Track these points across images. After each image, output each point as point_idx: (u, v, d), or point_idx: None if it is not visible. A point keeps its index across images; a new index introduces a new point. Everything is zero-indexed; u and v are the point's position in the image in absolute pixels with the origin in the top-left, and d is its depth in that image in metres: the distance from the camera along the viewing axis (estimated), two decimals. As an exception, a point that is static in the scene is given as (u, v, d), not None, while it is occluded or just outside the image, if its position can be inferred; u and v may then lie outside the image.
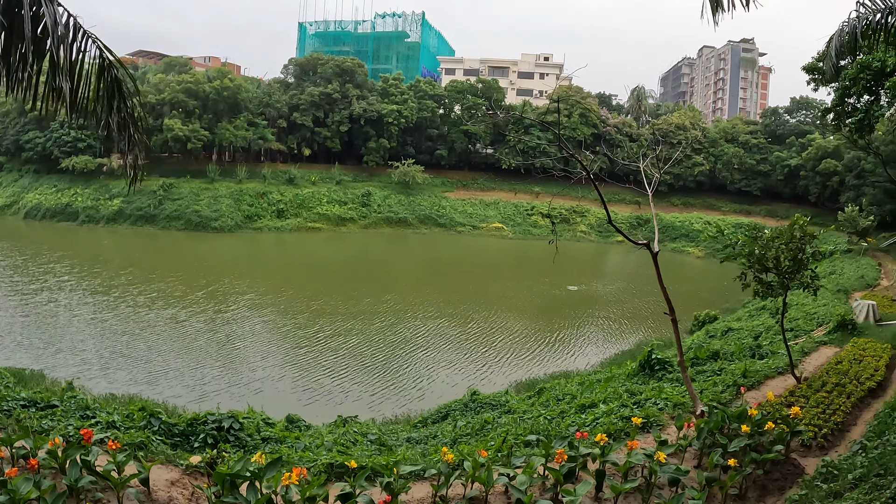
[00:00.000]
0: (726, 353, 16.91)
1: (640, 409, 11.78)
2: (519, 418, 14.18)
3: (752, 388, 13.35)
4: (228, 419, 11.67)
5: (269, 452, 10.34)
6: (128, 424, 11.05)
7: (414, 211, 75.31)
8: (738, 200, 79.95)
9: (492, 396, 18.01)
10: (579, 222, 76.88)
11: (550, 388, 18.53)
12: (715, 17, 8.37)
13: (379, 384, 23.91)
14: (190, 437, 11.03)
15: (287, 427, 15.55)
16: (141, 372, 24.10)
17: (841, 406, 11.73)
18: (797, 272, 12.64)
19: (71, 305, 33.92)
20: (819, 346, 18.27)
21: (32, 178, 77.47)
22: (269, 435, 12.20)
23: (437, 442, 13.19)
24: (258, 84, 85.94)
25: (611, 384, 15.64)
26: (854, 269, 37.96)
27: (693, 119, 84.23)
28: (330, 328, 31.25)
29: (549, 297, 42.82)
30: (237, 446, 11.14)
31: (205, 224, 66.28)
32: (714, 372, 14.90)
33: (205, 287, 38.89)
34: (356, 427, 15.54)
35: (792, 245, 12.36)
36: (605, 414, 11.75)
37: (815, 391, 12.60)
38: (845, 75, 24.87)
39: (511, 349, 29.38)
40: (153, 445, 9.31)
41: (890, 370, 16.08)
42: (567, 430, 10.53)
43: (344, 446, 11.88)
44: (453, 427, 14.59)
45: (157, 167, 76.01)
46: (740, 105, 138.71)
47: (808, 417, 10.80)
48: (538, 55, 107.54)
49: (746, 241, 12.75)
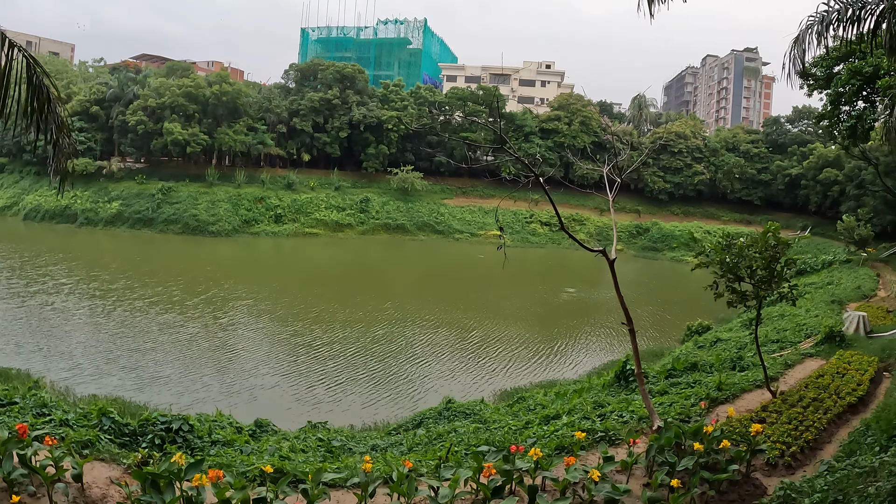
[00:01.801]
0: (705, 365, 16.41)
1: (604, 421, 11.33)
2: (485, 428, 13.74)
3: (725, 402, 12.85)
4: (178, 421, 11.67)
5: (213, 455, 10.32)
6: (82, 423, 11.00)
7: (412, 217, 75.02)
8: (738, 210, 79.41)
9: (467, 405, 17.58)
10: (578, 230, 76.38)
11: (529, 397, 18.10)
12: (651, 10, 8.05)
13: (374, 393, 23.45)
14: (139, 437, 11.07)
15: (254, 431, 15.27)
16: (130, 378, 23.71)
17: (815, 423, 11.22)
18: (772, 282, 12.15)
19: (67, 309, 33.62)
20: (804, 359, 17.76)
21: (33, 179, 77.84)
22: (219, 438, 11.96)
23: (397, 450, 12.78)
24: (259, 89, 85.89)
25: (583, 395, 15.18)
26: (852, 279, 37.35)
27: (694, 128, 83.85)
28: (327, 336, 30.83)
29: (546, 305, 42.41)
30: (184, 448, 11.11)
31: (202, 228, 66.14)
32: (688, 384, 14.41)
33: (202, 293, 38.43)
34: (323, 433, 15.19)
35: (766, 254, 11.89)
36: (566, 426, 11.29)
37: (789, 406, 12.09)
38: (837, 81, 24.46)
39: (507, 357, 28.95)
40: (101, 444, 9.34)
41: (875, 384, 15.59)
42: (524, 442, 10.09)
43: (294, 452, 11.51)
44: (413, 435, 14.20)
45: (157, 171, 76.21)
46: (743, 114, 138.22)
47: (776, 434, 10.28)
48: (540, 63, 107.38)
49: (717, 248, 12.29)
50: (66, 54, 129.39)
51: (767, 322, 26.91)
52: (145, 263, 49.83)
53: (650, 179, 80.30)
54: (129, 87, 77.44)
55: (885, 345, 19.03)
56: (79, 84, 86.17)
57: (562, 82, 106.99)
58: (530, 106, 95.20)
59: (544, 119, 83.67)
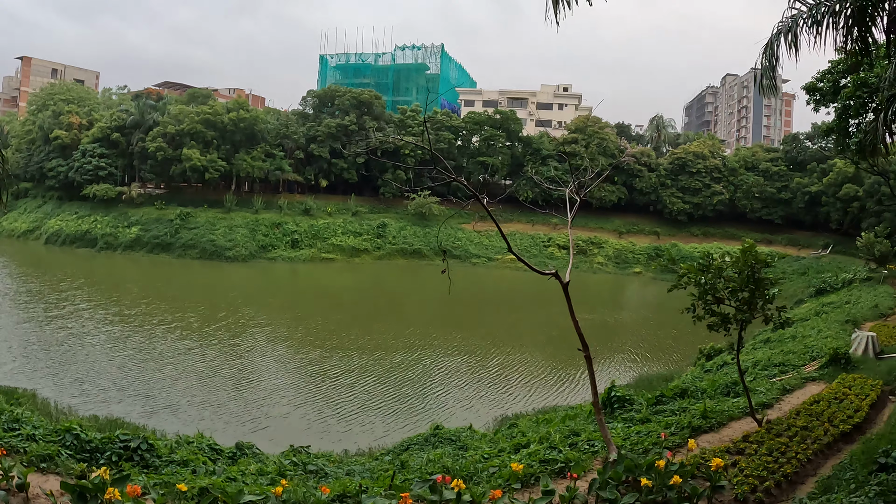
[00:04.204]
0: (696, 391, 15.74)
1: (573, 450, 10.81)
2: (461, 455, 13.27)
3: (709, 431, 12.20)
4: (137, 439, 11.89)
5: (163, 474, 10.52)
6: (48, 438, 11.25)
7: (429, 242, 74.77)
8: (758, 229, 77.88)
9: (454, 431, 17.13)
10: (596, 253, 75.55)
11: (521, 424, 17.59)
12: (556, 17, 7.81)
13: (391, 424, 23.09)
14: (99, 453, 11.30)
15: (234, 454, 15.09)
16: (139, 402, 23.93)
17: (798, 454, 10.56)
18: (753, 304, 11.58)
19: (84, 333, 33.96)
20: (806, 384, 17.00)
21: (55, 204, 79.74)
22: (176, 458, 11.98)
23: (366, 476, 12.39)
24: (278, 115, 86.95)
25: (565, 423, 14.62)
26: (871, 297, 36.16)
27: (712, 147, 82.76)
28: (344, 364, 30.62)
29: (564, 329, 41.79)
30: (140, 465, 11.30)
31: (219, 253, 66.61)
32: (673, 412, 13.79)
33: (222, 319, 38.51)
34: (302, 457, 14.92)
35: (744, 274, 11.36)
36: (528, 455, 10.78)
37: (774, 436, 11.40)
38: (843, 94, 23.85)
39: (526, 382, 28.84)
40: (60, 458, 9.82)
41: (877, 409, 14.81)
42: (486, 472, 9.63)
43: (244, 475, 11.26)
44: (380, 462, 13.83)
45: (176, 196, 77.29)
46: (764, 132, 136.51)
47: (751, 468, 9.62)
48: (557, 86, 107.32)
49: (691, 269, 11.78)
50: (91, 82, 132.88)
51: (777, 344, 26.09)
52: (165, 288, 50.25)
53: (668, 200, 79.31)
54: (149, 114, 78.92)
55: (893, 366, 18.18)
56: (101, 111, 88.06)
57: (579, 105, 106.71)
58: (548, 129, 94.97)
59: (561, 142, 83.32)
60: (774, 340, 27.91)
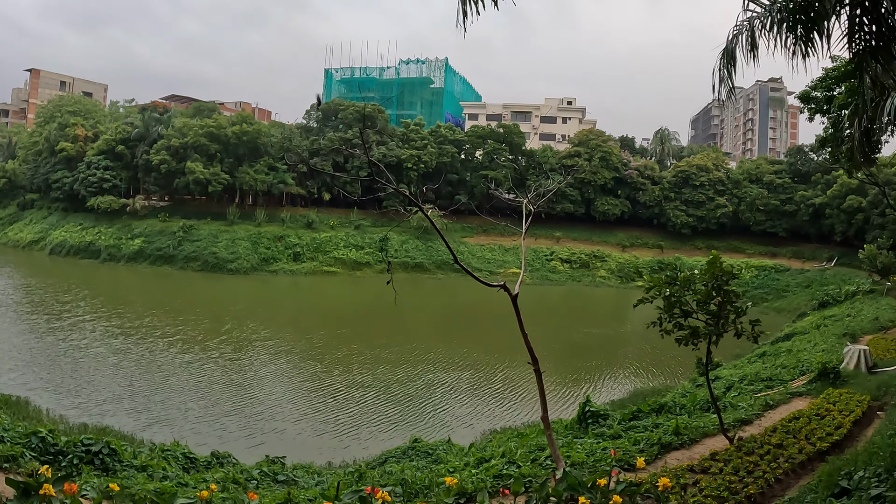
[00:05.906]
0: (674, 406, 15.36)
1: (534, 465, 10.50)
2: (427, 467, 13.02)
3: (680, 448, 11.86)
4: (99, 444, 12.04)
5: (119, 477, 10.77)
6: (16, 440, 11.42)
7: (431, 256, 74.43)
8: (763, 242, 77.25)
9: (431, 445, 16.86)
10: (599, 267, 75.10)
11: (497, 438, 17.30)
12: (465, 24, 7.67)
13: (392, 441, 22.83)
14: (62, 456, 11.47)
15: (209, 462, 15.03)
16: (135, 416, 23.70)
17: (766, 473, 10.18)
18: (724, 317, 11.25)
19: (85, 345, 33.92)
20: (792, 399, 16.57)
21: (60, 215, 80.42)
22: (136, 463, 12.13)
23: (322, 487, 12.19)
24: (281, 129, 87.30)
25: (539, 437, 14.29)
26: (872, 310, 35.60)
27: (716, 160, 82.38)
28: (345, 378, 30.45)
29: (566, 343, 41.35)
30: (100, 468, 11.51)
31: (221, 265, 66.65)
32: (646, 428, 13.44)
33: (224, 333, 38.31)
34: (276, 468, 14.76)
35: (709, 286, 11.05)
36: (484, 470, 10.48)
37: (745, 454, 11.03)
38: (836, 102, 23.56)
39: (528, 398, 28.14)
40: (23, 460, 10.12)
41: (861, 426, 14.36)
42: (440, 486, 9.35)
43: (205, 482, 11.17)
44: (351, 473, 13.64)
45: (180, 209, 77.63)
46: (770, 145, 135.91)
47: (711, 487, 9.27)
48: (561, 99, 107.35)
49: (656, 281, 11.48)
50: (100, 94, 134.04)
51: (771, 358, 25.64)
52: (167, 300, 50.17)
53: (672, 214, 78.87)
54: (153, 127, 79.46)
55: (884, 381, 17.71)
56: (107, 124, 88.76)
57: (583, 118, 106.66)
58: (551, 143, 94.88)
59: (564, 155, 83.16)
60: (770, 354, 27.49)
